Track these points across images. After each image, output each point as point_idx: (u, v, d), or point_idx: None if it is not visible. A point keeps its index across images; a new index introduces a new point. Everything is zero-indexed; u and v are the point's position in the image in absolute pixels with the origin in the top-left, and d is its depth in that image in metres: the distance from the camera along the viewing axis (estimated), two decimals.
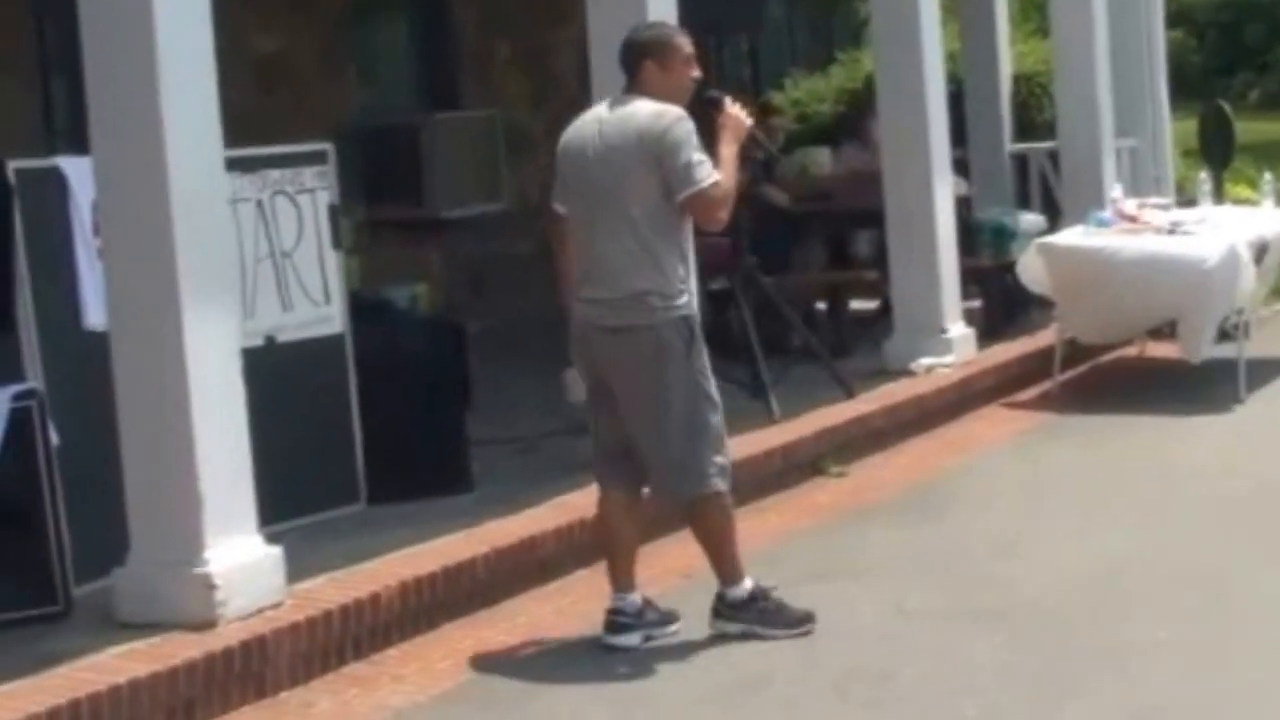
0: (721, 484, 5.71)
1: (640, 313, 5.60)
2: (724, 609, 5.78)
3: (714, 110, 5.84)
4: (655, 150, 5.57)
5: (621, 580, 5.81)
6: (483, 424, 7.72)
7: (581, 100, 8.44)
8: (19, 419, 5.66)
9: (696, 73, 5.74)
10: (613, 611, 5.78)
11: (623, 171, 5.61)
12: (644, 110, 5.65)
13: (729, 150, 5.71)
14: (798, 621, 5.75)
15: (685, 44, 5.77)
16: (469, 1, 11.51)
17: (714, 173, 5.61)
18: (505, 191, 11.22)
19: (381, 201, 10.38)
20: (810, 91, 13.79)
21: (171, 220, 5.43)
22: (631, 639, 5.73)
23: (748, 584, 5.78)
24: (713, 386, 5.72)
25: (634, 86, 5.77)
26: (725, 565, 5.79)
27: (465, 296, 10.96)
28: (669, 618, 5.84)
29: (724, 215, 5.68)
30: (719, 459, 5.70)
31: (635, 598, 5.80)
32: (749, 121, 5.78)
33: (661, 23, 5.98)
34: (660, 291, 5.61)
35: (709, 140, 5.72)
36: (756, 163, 9.32)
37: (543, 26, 11.87)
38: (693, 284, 5.81)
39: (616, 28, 7.32)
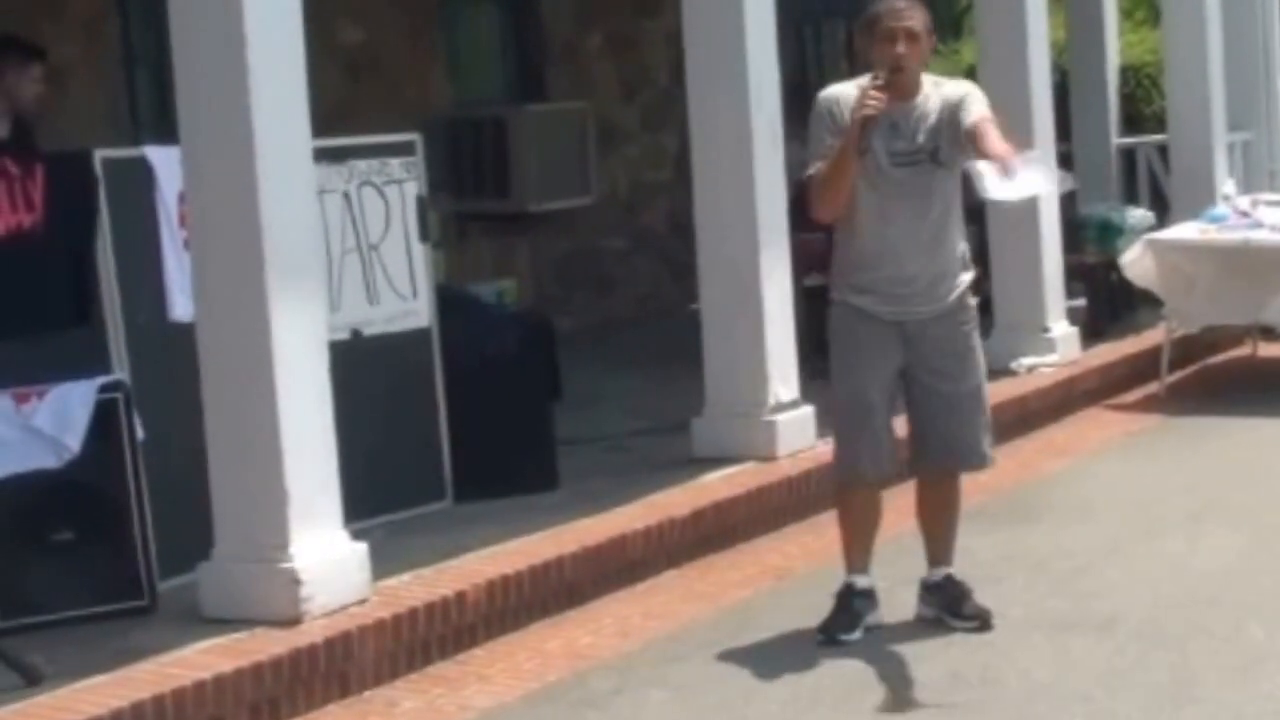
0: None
1: None
2: (949, 588, 5.76)
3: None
4: None
5: (868, 560, 5.79)
6: (571, 422, 7.62)
7: (674, 93, 8.34)
8: (105, 411, 5.65)
9: (899, 48, 5.44)
10: (861, 594, 5.70)
11: None
12: None
13: (841, 140, 5.48)
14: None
15: (885, 19, 5.48)
16: None
17: (816, 163, 5.50)
18: (595, 185, 11.11)
19: (469, 194, 10.31)
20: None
21: (259, 211, 5.39)
22: (857, 632, 5.67)
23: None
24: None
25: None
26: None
27: (553, 292, 10.88)
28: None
29: (815, 206, 5.55)
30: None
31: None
32: (865, 112, 5.42)
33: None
34: None
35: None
36: None
37: (634, 17, 11.76)
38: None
39: (709, 19, 7.28)
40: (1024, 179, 5.27)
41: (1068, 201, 10.07)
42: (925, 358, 5.63)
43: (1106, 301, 10.33)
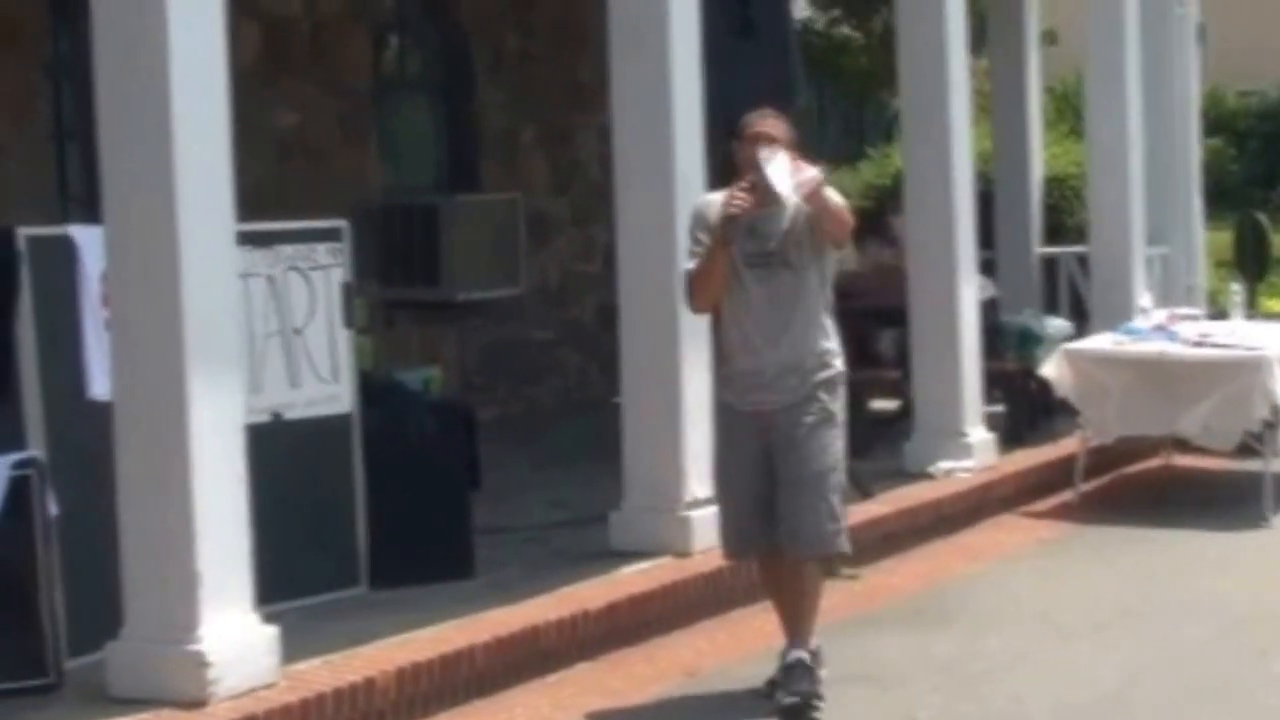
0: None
1: None
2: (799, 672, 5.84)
3: None
4: None
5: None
6: (490, 512, 7.63)
7: (606, 186, 8.42)
8: (18, 487, 5.63)
9: (762, 150, 5.83)
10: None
11: None
12: None
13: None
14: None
15: (750, 124, 5.98)
16: (493, 84, 11.52)
17: (690, 261, 6.05)
18: (525, 276, 11.17)
19: (398, 281, 10.34)
20: (838, 186, 13.74)
21: (181, 293, 5.40)
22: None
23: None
24: None
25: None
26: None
27: (479, 382, 10.89)
28: None
29: (690, 299, 6.14)
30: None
31: None
32: (729, 211, 5.87)
33: (763, 110, 6.10)
34: None
35: None
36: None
37: (568, 110, 11.87)
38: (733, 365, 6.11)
39: (639, 116, 7.36)
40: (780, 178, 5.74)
41: (989, 309, 10.20)
42: (774, 445, 5.93)
43: (1025, 409, 10.42)
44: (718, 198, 6.06)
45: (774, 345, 5.93)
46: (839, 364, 6.01)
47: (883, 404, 10.71)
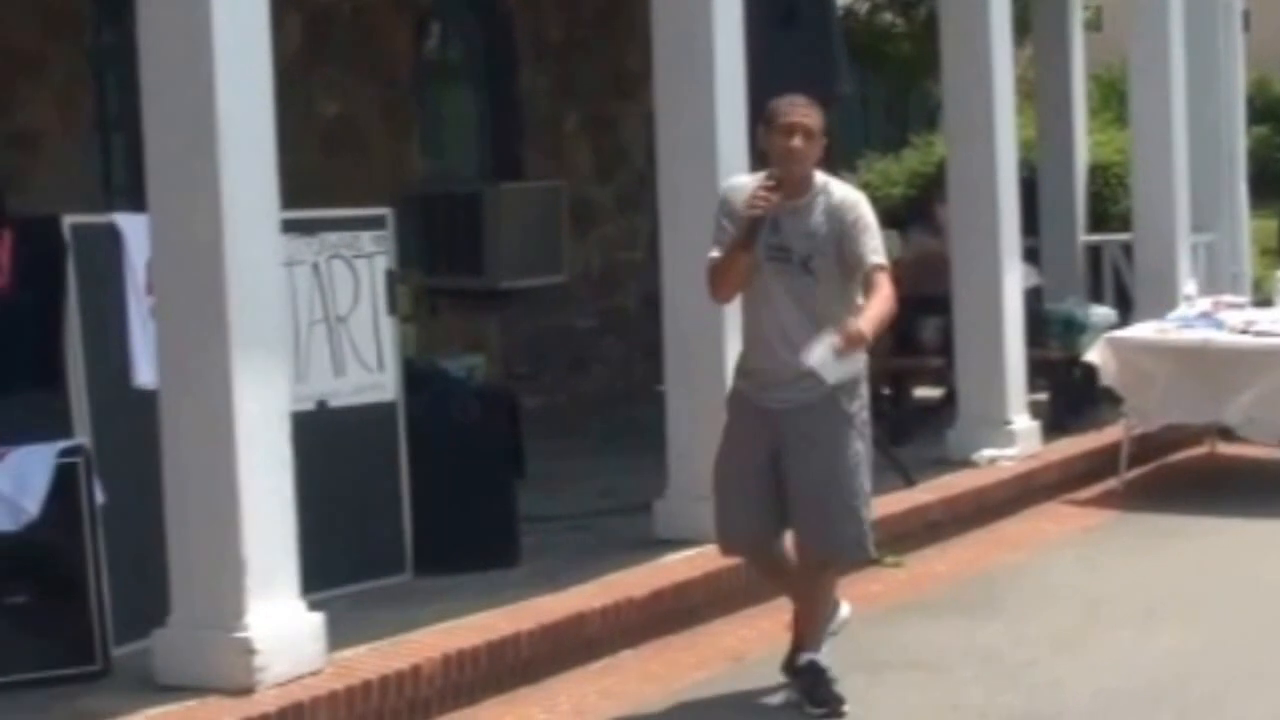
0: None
1: None
2: (808, 675, 5.79)
3: None
4: None
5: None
6: (534, 500, 7.64)
7: (650, 174, 8.41)
8: (65, 475, 5.66)
9: (794, 141, 5.67)
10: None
11: None
12: None
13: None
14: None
15: (782, 113, 5.73)
16: (537, 71, 11.52)
17: (714, 248, 5.79)
18: (568, 264, 11.17)
19: (441, 269, 10.35)
20: (882, 174, 13.74)
21: (225, 281, 5.42)
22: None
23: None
24: None
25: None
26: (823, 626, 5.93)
27: (523, 370, 10.90)
28: None
29: (710, 290, 5.87)
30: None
31: None
32: (753, 212, 5.66)
33: (793, 96, 5.83)
34: None
35: None
36: None
37: (612, 98, 11.86)
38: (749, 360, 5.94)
39: (683, 102, 7.35)
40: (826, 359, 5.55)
41: (1033, 297, 10.16)
42: (787, 445, 5.74)
43: (1068, 397, 10.39)
44: (746, 181, 5.88)
45: (791, 348, 5.64)
46: (859, 365, 5.74)
47: (926, 392, 10.69)
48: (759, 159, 6.25)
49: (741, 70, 7.42)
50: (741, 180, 5.99)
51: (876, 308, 5.62)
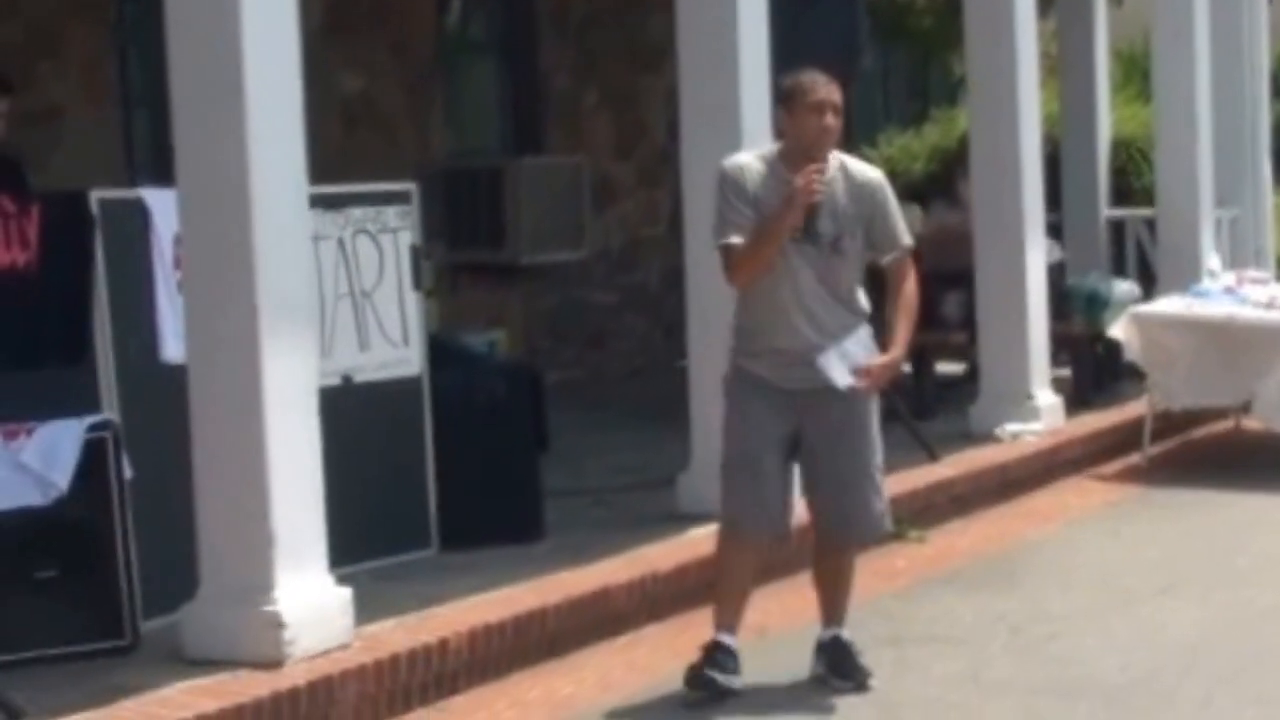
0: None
1: None
2: (835, 649, 5.79)
3: None
4: None
5: (737, 620, 5.79)
6: (558, 474, 7.66)
7: (671, 150, 8.41)
8: (93, 450, 5.67)
9: (828, 119, 5.57)
10: (725, 651, 5.69)
11: None
12: None
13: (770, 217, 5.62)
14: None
15: (808, 90, 5.60)
16: (558, 46, 11.52)
17: (731, 232, 5.63)
18: (588, 240, 11.18)
19: (464, 245, 10.37)
20: (903, 148, 13.69)
21: (253, 255, 5.43)
22: (735, 681, 5.66)
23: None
24: None
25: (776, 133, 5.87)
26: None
27: (543, 345, 10.92)
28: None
29: (735, 274, 5.67)
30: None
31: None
32: (812, 199, 5.56)
33: (810, 71, 5.71)
34: None
35: None
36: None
37: (634, 73, 11.86)
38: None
39: (705, 77, 7.34)
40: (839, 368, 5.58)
41: (1056, 272, 10.15)
42: (815, 428, 5.68)
43: (1091, 372, 10.39)
44: (750, 161, 5.70)
45: (810, 325, 5.59)
46: (873, 341, 5.72)
47: (949, 367, 10.69)
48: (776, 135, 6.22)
49: (765, 43, 7.40)
50: (744, 158, 5.78)
51: (904, 326, 5.67)
